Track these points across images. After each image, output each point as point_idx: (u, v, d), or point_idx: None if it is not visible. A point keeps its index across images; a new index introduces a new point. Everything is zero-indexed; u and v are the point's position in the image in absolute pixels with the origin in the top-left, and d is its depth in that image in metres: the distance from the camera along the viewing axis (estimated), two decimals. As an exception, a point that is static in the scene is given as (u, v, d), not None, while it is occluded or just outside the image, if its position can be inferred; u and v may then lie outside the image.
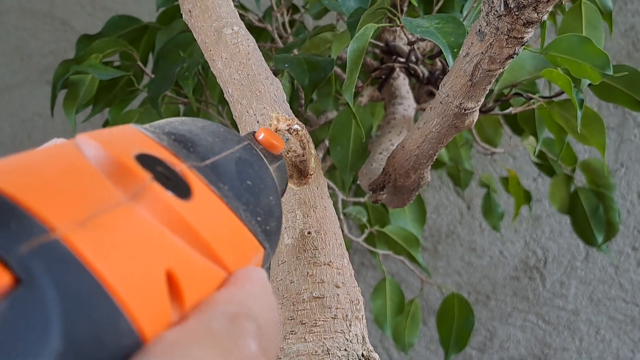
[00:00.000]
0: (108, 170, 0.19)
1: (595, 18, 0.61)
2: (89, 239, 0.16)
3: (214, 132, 0.25)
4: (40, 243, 0.15)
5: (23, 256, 0.14)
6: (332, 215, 0.46)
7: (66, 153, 0.19)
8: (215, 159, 0.24)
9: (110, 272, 0.16)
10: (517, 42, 0.38)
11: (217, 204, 0.22)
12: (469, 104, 0.44)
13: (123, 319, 0.16)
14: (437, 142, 0.50)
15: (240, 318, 0.18)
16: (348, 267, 0.44)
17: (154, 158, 0.21)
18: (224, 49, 0.49)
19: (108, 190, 0.18)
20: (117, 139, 0.21)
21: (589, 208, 0.83)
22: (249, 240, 0.24)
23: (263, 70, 0.48)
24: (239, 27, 0.50)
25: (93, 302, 0.15)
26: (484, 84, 0.43)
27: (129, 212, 0.18)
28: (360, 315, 0.42)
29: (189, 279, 0.19)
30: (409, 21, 0.50)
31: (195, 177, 0.22)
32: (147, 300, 0.17)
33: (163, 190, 0.20)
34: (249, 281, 0.21)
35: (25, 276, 0.14)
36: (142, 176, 0.20)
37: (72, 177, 0.18)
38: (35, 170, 0.17)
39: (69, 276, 0.15)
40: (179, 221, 0.20)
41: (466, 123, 0.47)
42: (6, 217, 0.15)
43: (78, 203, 0.17)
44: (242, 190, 0.24)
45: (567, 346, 1.22)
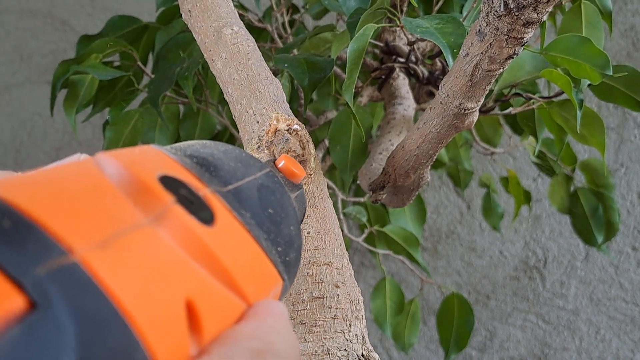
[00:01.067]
0: (129, 190, 0.19)
1: (595, 18, 0.61)
2: (108, 262, 0.15)
3: (236, 157, 0.25)
4: (57, 265, 0.14)
5: (39, 278, 0.14)
6: (332, 215, 0.46)
7: (87, 171, 0.19)
8: (237, 184, 0.23)
9: (129, 299, 0.15)
10: (517, 42, 0.38)
11: (239, 231, 0.21)
12: (469, 104, 0.44)
13: (140, 349, 0.15)
14: (437, 142, 0.50)
15: (264, 354, 0.18)
16: (348, 267, 0.44)
17: (177, 181, 0.20)
18: (223, 49, 0.49)
19: (129, 211, 0.18)
20: (139, 159, 0.20)
21: (588, 208, 0.83)
22: (270, 271, 0.23)
23: (263, 70, 0.48)
24: (238, 27, 0.50)
25: (110, 330, 0.15)
26: (483, 84, 0.42)
27: (150, 235, 0.17)
28: (360, 315, 0.42)
29: (209, 309, 0.18)
30: (409, 21, 0.50)
31: (218, 202, 0.21)
32: (165, 330, 0.16)
33: (186, 214, 0.19)
34: (270, 315, 0.20)
35: (41, 300, 0.14)
36: (164, 198, 0.19)
37: (92, 197, 0.17)
38: (55, 188, 0.17)
39: (86, 301, 0.14)
40: (201, 248, 0.19)
41: (466, 123, 0.47)
42: (23, 236, 0.14)
43: (98, 223, 0.16)
44: (264, 219, 0.23)
45: (567, 346, 1.22)
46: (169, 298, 0.17)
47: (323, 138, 0.74)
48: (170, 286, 0.17)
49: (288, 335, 0.19)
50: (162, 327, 0.16)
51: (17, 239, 0.14)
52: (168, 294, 0.17)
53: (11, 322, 0.13)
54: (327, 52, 0.68)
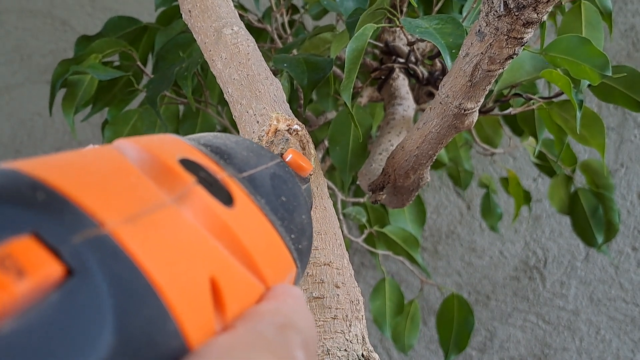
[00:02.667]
0: (151, 172, 0.19)
1: (595, 18, 0.60)
2: (136, 236, 0.16)
3: (247, 147, 0.25)
4: (91, 236, 0.15)
5: (76, 247, 0.14)
6: (332, 215, 0.46)
7: (108, 154, 0.19)
8: (251, 172, 0.23)
9: (158, 272, 0.16)
10: (516, 42, 0.38)
11: (257, 215, 0.22)
12: (469, 105, 0.44)
13: (170, 320, 0.15)
14: (437, 143, 0.49)
15: (288, 329, 0.18)
16: (348, 268, 0.44)
17: (196, 164, 0.21)
18: (223, 49, 0.49)
19: (152, 191, 0.18)
20: (158, 144, 0.20)
21: (588, 209, 0.83)
22: (285, 256, 0.23)
23: (263, 70, 0.48)
24: (238, 27, 0.50)
25: (143, 300, 0.15)
26: (483, 85, 0.42)
27: (174, 213, 0.18)
28: (360, 316, 0.42)
29: (231, 288, 0.18)
30: (408, 22, 0.50)
31: (235, 185, 0.21)
32: (193, 304, 0.16)
33: (207, 194, 0.19)
34: (290, 296, 0.20)
35: (78, 267, 0.14)
36: (186, 179, 0.19)
37: (116, 176, 0.17)
38: (80, 168, 0.17)
39: (120, 271, 0.15)
40: (223, 228, 0.19)
41: (466, 123, 0.46)
42: (57, 208, 0.15)
43: (125, 200, 0.16)
44: (278, 206, 0.23)
45: (567, 346, 1.22)
46: (194, 274, 0.17)
47: (323, 138, 0.74)
48: (195, 263, 0.17)
49: (308, 316, 0.20)
50: (189, 301, 0.16)
51: (51, 210, 0.14)
52: (194, 270, 0.17)
53: (50, 287, 0.13)
54: (327, 53, 0.67)
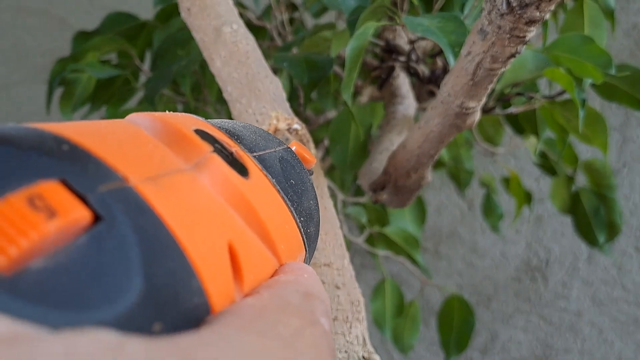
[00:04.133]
0: (167, 140, 0.19)
1: (598, 17, 0.60)
2: (158, 194, 0.16)
3: (255, 131, 0.25)
4: (117, 187, 0.15)
5: (102, 195, 0.14)
6: (332, 215, 0.45)
7: (122, 125, 0.19)
8: (260, 152, 0.23)
9: (180, 229, 0.16)
10: (519, 40, 0.37)
11: (271, 190, 0.22)
12: (471, 103, 0.44)
13: (195, 277, 0.15)
14: (438, 142, 0.49)
15: (312, 297, 0.18)
16: (348, 268, 0.43)
17: (211, 136, 0.21)
18: (222, 47, 0.48)
19: (170, 157, 0.18)
20: (172, 116, 0.21)
21: (590, 209, 0.82)
22: (297, 236, 0.23)
23: (262, 69, 0.48)
24: (238, 26, 0.50)
25: (168, 252, 0.15)
26: (485, 83, 0.42)
27: (192, 179, 0.18)
28: (360, 317, 0.42)
29: (248, 257, 0.18)
30: (410, 20, 0.50)
31: (250, 161, 0.22)
32: (214, 267, 0.16)
33: (224, 163, 0.19)
34: (307, 272, 0.21)
35: (106, 214, 0.14)
36: (203, 147, 0.19)
37: (134, 143, 0.17)
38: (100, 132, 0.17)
39: (145, 222, 0.15)
40: (239, 197, 0.19)
41: (467, 123, 0.46)
42: (82, 161, 0.15)
43: (145, 163, 0.17)
44: (287, 187, 0.23)
45: (569, 347, 1.21)
46: (213, 237, 0.17)
47: (323, 137, 0.74)
48: (214, 227, 0.17)
49: (323, 289, 0.20)
50: (210, 262, 0.16)
51: (76, 161, 0.15)
52: (213, 233, 0.17)
53: (78, 231, 0.13)
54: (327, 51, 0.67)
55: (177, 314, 0.14)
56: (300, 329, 0.16)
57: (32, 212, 0.12)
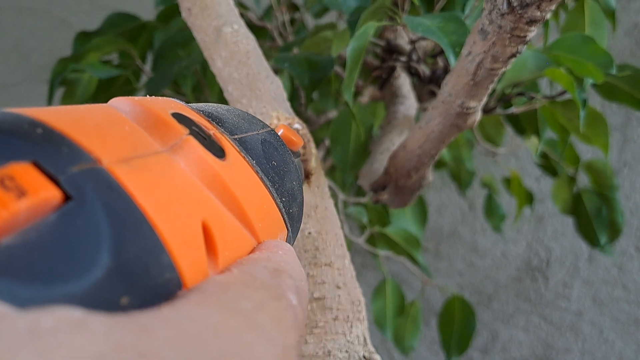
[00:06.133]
0: (145, 123, 0.19)
1: (599, 16, 0.60)
2: (131, 175, 0.16)
3: (239, 114, 0.26)
4: (88, 168, 0.15)
5: (73, 175, 0.15)
6: (333, 215, 0.45)
7: (101, 108, 0.19)
8: (242, 135, 0.24)
9: (152, 207, 0.16)
10: (520, 40, 0.37)
11: (248, 170, 0.22)
12: (471, 103, 0.44)
13: (165, 254, 0.16)
14: (439, 142, 0.49)
15: (281, 273, 0.19)
16: (349, 268, 0.43)
17: (189, 119, 0.21)
18: (223, 47, 0.48)
19: (146, 140, 0.18)
20: (151, 100, 0.21)
21: (591, 209, 0.82)
22: (276, 216, 0.23)
23: (263, 69, 0.48)
24: (238, 26, 0.50)
25: (138, 230, 0.15)
26: (486, 83, 0.42)
27: (167, 160, 0.18)
28: (361, 317, 0.41)
29: (223, 236, 0.19)
30: (411, 20, 0.50)
31: (227, 142, 0.22)
32: (186, 244, 0.17)
33: (200, 145, 0.20)
34: (282, 249, 0.21)
35: (76, 193, 0.14)
36: (179, 130, 0.20)
37: (110, 125, 0.18)
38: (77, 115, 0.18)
39: (115, 201, 0.15)
40: (215, 178, 0.20)
41: (468, 122, 0.46)
42: (56, 144, 0.15)
43: (119, 145, 0.17)
44: (268, 169, 0.24)
45: (570, 347, 1.21)
46: (187, 215, 0.17)
47: (324, 138, 0.73)
48: (187, 205, 0.18)
49: (298, 267, 0.21)
50: (182, 239, 0.17)
51: (49, 144, 0.15)
52: (186, 211, 0.17)
53: (48, 210, 0.14)
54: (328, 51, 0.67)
55: (146, 289, 0.15)
56: (263, 303, 0.16)
57: (2, 192, 0.13)
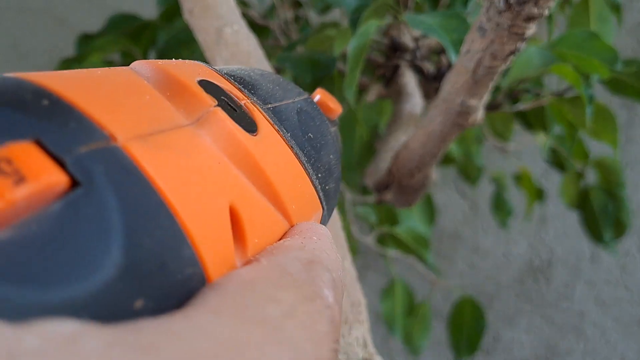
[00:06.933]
0: (168, 92, 0.17)
1: (604, 12, 0.60)
2: (150, 154, 0.14)
3: (273, 80, 0.23)
4: (100, 147, 0.13)
5: (82, 156, 0.13)
6: (335, 216, 0.45)
7: (122, 72, 0.17)
8: (276, 104, 0.22)
9: (173, 192, 0.14)
10: (518, 38, 0.37)
11: (282, 146, 0.20)
12: (472, 102, 0.44)
13: (187, 245, 0.14)
14: (441, 141, 0.49)
15: (315, 265, 0.17)
16: (350, 269, 0.43)
17: (218, 87, 0.19)
18: (224, 48, 0.49)
19: (169, 112, 0.16)
20: (176, 64, 0.19)
21: (598, 206, 0.81)
22: (311, 194, 0.21)
23: (265, 69, 0.48)
24: (239, 26, 0.50)
25: (156, 220, 0.13)
26: (486, 81, 0.42)
27: (191, 135, 0.16)
28: (361, 318, 0.41)
29: (252, 220, 0.17)
30: (412, 18, 0.49)
31: (260, 114, 0.20)
32: (211, 232, 0.15)
33: (228, 119, 0.18)
34: (317, 234, 0.19)
35: (84, 178, 0.12)
36: (206, 101, 0.18)
37: (129, 93, 0.16)
38: (92, 81, 0.15)
39: (130, 186, 0.13)
40: (245, 155, 0.18)
41: (469, 121, 0.46)
42: (64, 118, 0.13)
43: (138, 118, 0.15)
44: (304, 142, 0.22)
45: (572, 348, 1.21)
46: (212, 199, 0.15)
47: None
48: (213, 188, 0.16)
49: (334, 256, 0.18)
50: (207, 227, 0.15)
51: (56, 118, 0.13)
52: (211, 195, 0.16)
53: (52, 198, 0.12)
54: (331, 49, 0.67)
55: (164, 288, 0.13)
56: (294, 306, 0.14)
57: None
